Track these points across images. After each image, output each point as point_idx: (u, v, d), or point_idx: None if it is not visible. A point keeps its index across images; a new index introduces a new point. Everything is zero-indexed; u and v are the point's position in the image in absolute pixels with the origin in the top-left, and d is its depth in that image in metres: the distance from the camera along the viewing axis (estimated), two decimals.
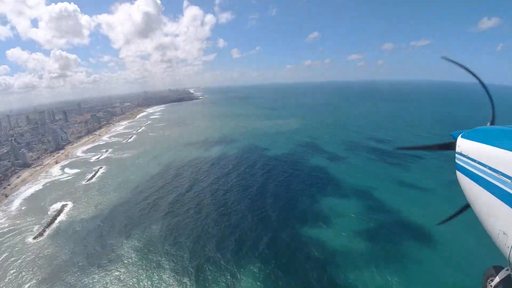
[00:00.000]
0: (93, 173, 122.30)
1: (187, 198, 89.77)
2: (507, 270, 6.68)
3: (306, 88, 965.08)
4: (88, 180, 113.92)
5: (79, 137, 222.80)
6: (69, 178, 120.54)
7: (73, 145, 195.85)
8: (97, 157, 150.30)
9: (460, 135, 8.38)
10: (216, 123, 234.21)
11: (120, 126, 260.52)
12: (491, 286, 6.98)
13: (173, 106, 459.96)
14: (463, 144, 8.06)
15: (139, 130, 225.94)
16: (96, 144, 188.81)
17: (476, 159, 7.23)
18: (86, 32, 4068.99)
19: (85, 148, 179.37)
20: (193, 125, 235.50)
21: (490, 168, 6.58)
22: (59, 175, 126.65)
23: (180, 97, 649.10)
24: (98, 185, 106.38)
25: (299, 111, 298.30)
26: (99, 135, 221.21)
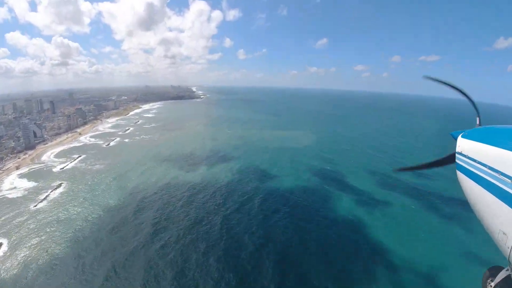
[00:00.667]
0: (49, 192, 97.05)
1: (137, 262, 59.86)
2: (507, 270, 6.63)
3: (311, 95, 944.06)
4: (37, 204, 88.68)
5: (58, 134, 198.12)
6: (18, 196, 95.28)
7: (46, 145, 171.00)
8: (64, 165, 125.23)
9: (460, 135, 8.37)
10: (211, 130, 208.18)
11: (108, 124, 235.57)
12: (491, 286, 6.92)
13: (171, 104, 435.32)
14: (463, 144, 8.05)
15: (126, 132, 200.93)
16: (72, 145, 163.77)
17: (476, 159, 7.24)
18: (86, 20, 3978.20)
19: (57, 150, 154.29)
20: (186, 129, 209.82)
21: (490, 168, 6.57)
22: (9, 189, 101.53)
23: (180, 94, 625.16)
24: (43, 215, 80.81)
25: (306, 121, 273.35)
26: (80, 134, 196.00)
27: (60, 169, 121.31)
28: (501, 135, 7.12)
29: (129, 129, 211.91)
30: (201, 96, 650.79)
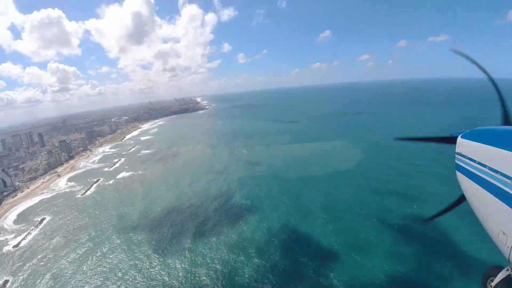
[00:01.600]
0: None
1: None
2: (507, 270, 6.60)
3: (317, 92, 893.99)
4: None
5: (34, 178, 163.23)
6: None
7: (15, 198, 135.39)
8: (17, 241, 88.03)
9: (460, 135, 8.35)
10: (212, 153, 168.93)
11: (96, 157, 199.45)
12: (491, 286, 6.88)
13: (174, 120, 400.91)
14: (463, 144, 8.09)
15: (112, 167, 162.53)
16: (41, 198, 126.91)
17: (476, 159, 7.24)
18: (75, 41, 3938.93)
19: (20, 208, 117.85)
20: (189, 155, 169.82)
21: (490, 168, 6.57)
22: None
23: (184, 107, 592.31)
24: None
25: (330, 126, 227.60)
26: (59, 175, 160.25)
27: (14, 246, 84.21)
28: (500, 135, 7.12)
29: (118, 161, 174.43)
30: (206, 107, 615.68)
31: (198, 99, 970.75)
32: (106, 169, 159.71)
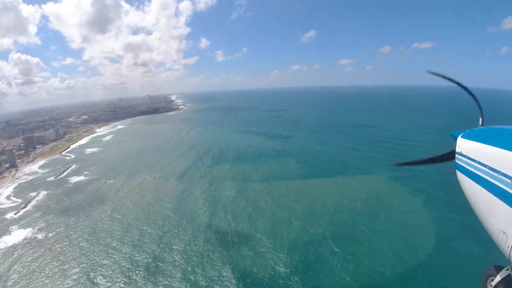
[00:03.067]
0: None
1: None
2: (507, 269, 6.61)
3: (302, 95, 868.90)
4: None
5: None
6: None
7: None
8: None
9: (460, 135, 8.36)
10: (178, 194, 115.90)
11: (13, 183, 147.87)
12: (491, 286, 6.86)
13: (139, 124, 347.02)
14: (463, 144, 8.05)
15: (16, 214, 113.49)
16: None
17: (476, 159, 7.24)
18: (33, 28, 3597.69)
19: None
20: (125, 201, 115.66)
21: (490, 168, 6.56)
22: None
23: (156, 106, 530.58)
24: None
25: (338, 146, 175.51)
26: None
27: None
28: (501, 135, 7.16)
29: (34, 196, 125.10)
30: (180, 107, 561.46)
31: (173, 97, 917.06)
32: (7, 216, 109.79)
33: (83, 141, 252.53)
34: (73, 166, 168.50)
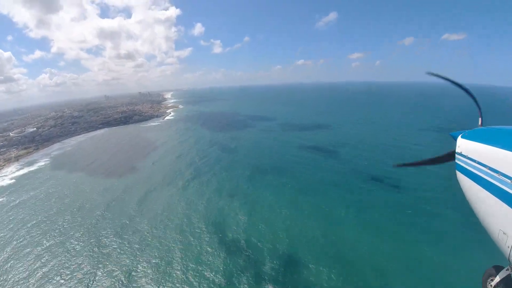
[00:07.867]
0: None
1: None
2: (507, 270, 6.63)
3: (327, 95, 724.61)
4: None
5: None
6: None
7: None
8: None
9: (460, 135, 8.42)
10: None
11: None
12: (491, 286, 6.87)
13: (85, 150, 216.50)
14: (463, 144, 8.02)
15: None
16: None
17: (476, 159, 7.21)
18: None
19: None
20: None
21: (490, 168, 6.56)
22: None
23: (130, 114, 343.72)
24: None
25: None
26: None
27: None
28: (501, 135, 7.10)
29: None
30: (168, 111, 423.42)
31: (168, 95, 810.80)
32: None
33: None
34: None
